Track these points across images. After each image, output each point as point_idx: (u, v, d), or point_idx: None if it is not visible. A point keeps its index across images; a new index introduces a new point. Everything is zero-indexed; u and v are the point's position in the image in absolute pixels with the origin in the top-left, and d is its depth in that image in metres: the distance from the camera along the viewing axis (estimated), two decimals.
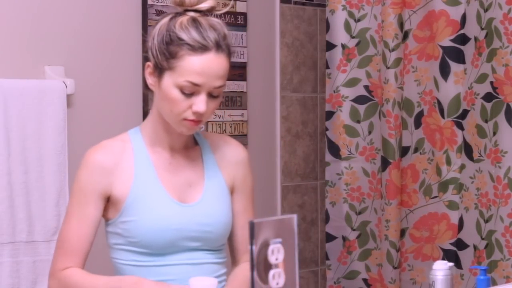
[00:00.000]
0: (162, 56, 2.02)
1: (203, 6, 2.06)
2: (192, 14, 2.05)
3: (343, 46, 3.47)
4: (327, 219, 3.53)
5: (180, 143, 2.14)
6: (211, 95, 2.03)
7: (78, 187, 2.11)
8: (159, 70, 2.04)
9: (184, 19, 2.03)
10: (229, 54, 2.05)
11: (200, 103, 2.01)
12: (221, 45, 2.02)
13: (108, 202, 2.11)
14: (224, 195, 2.17)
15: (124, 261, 2.11)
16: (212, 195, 2.14)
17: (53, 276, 2.11)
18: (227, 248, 2.22)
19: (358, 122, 3.47)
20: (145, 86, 2.15)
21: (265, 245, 1.53)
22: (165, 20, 2.06)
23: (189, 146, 2.18)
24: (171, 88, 2.02)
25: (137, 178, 2.09)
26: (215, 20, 2.06)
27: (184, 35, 2.01)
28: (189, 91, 2.01)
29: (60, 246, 2.12)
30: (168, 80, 2.02)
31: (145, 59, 2.11)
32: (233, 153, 2.22)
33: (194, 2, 2.06)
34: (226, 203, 2.16)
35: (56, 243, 2.15)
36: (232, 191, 2.20)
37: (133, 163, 2.10)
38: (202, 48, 2.00)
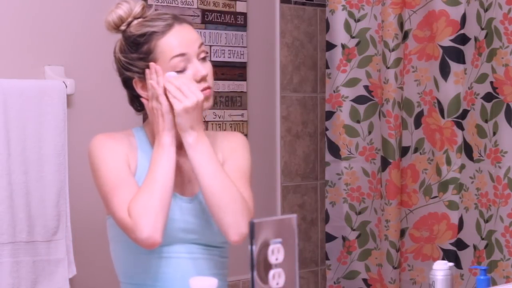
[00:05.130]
0: (141, 61, 2.09)
1: (137, 10, 2.13)
2: (135, 22, 2.12)
3: (343, 46, 3.47)
4: (327, 219, 3.53)
5: (180, 140, 2.16)
6: (200, 60, 2.10)
7: (108, 166, 2.06)
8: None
9: (133, 25, 2.11)
10: (189, 23, 2.13)
11: (197, 67, 2.08)
12: (179, 18, 2.12)
13: None
14: None
15: (123, 253, 2.12)
16: None
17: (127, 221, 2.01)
18: (227, 249, 2.22)
19: (358, 122, 3.47)
20: (131, 101, 2.20)
21: (265, 245, 1.53)
22: (120, 41, 2.15)
23: None
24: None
25: (139, 169, 2.11)
26: (156, 11, 2.15)
27: (145, 29, 2.08)
28: (182, 68, 2.07)
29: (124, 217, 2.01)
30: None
31: (125, 81, 2.15)
32: (230, 138, 2.23)
33: (128, 13, 2.12)
34: None
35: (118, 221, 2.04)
36: None
37: (137, 155, 2.13)
38: (166, 26, 2.07)
